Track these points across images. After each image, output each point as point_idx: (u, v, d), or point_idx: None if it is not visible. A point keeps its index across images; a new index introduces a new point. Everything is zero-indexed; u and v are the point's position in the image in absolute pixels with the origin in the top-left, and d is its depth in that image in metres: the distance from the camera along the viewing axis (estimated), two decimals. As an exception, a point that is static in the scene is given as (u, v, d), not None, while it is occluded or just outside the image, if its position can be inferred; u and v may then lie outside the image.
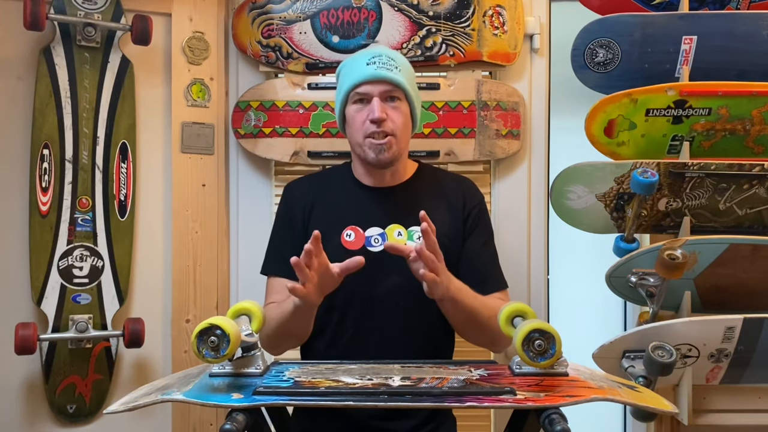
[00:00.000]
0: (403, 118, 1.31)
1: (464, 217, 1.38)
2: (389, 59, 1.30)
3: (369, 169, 1.35)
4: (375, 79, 1.27)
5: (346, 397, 0.88)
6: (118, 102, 1.70)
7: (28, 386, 1.67)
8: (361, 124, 1.29)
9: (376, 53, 1.31)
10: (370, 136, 1.28)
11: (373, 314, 1.30)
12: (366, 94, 1.29)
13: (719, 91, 1.51)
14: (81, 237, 1.66)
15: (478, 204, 1.41)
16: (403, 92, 1.30)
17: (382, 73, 1.27)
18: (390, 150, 1.29)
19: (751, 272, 1.45)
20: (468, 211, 1.38)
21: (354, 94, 1.30)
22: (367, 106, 1.29)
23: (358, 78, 1.28)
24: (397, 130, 1.29)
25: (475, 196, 1.42)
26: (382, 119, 1.26)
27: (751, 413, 1.50)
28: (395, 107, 1.29)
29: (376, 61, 1.29)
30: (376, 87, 1.28)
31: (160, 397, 0.89)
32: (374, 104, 1.27)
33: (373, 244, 1.30)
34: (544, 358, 0.92)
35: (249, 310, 1.01)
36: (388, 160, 1.31)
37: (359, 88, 1.29)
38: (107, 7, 1.68)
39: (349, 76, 1.31)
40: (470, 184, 1.44)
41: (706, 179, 1.47)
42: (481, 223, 1.40)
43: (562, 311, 2.00)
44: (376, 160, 1.30)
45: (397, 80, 1.28)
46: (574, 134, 1.66)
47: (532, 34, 1.81)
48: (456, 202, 1.38)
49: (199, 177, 1.78)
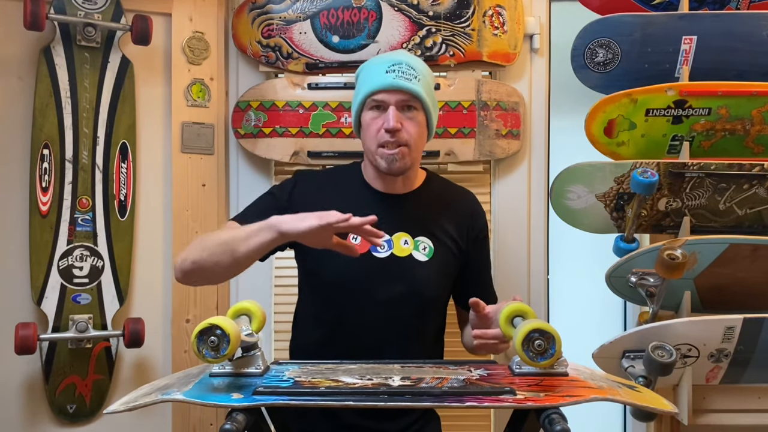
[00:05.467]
0: (419, 128, 1.30)
1: (472, 237, 1.39)
2: (409, 68, 1.28)
3: (380, 175, 1.35)
4: (393, 88, 1.26)
5: (346, 397, 0.88)
6: (118, 102, 1.70)
7: (28, 386, 1.67)
8: (375, 132, 1.28)
9: (396, 60, 1.29)
10: (383, 146, 1.27)
11: (370, 318, 1.30)
12: (382, 102, 1.27)
13: (719, 91, 1.51)
14: (81, 237, 1.66)
15: (485, 224, 1.44)
16: (420, 102, 1.29)
17: (399, 82, 1.26)
18: (402, 160, 1.28)
19: (751, 272, 1.45)
20: (477, 231, 1.40)
21: (371, 100, 1.29)
22: (382, 114, 1.28)
23: (376, 85, 1.27)
24: (411, 141, 1.28)
25: (482, 216, 1.44)
26: (396, 129, 1.25)
27: (751, 413, 1.50)
28: (411, 117, 1.28)
29: (395, 69, 1.27)
30: (393, 96, 1.27)
31: (160, 397, 0.89)
32: (390, 114, 1.26)
33: (379, 249, 1.30)
34: (544, 358, 0.92)
35: (249, 310, 1.00)
36: (400, 170, 1.30)
37: (376, 95, 1.27)
38: (107, 7, 1.68)
39: (367, 82, 1.30)
40: (478, 203, 1.45)
41: (706, 179, 1.47)
42: (487, 244, 1.44)
43: (562, 311, 2.00)
44: (387, 169, 1.29)
45: (415, 91, 1.27)
46: (574, 134, 1.66)
47: (532, 34, 1.81)
48: (464, 219, 1.39)
49: (199, 177, 1.78)
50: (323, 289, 1.33)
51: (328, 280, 1.31)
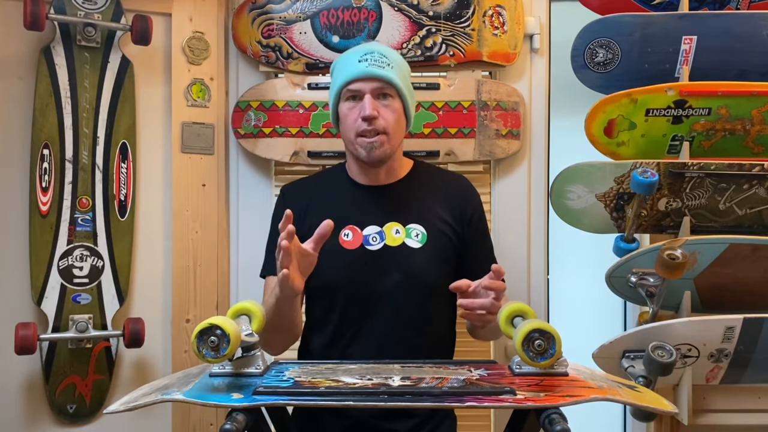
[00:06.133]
0: (396, 115, 1.30)
1: (468, 219, 1.38)
2: (381, 56, 1.30)
3: (363, 167, 1.35)
4: (366, 77, 1.27)
5: (346, 397, 0.88)
6: (118, 102, 1.70)
7: (28, 386, 1.67)
8: (353, 122, 1.29)
9: (368, 50, 1.30)
10: (362, 134, 1.28)
11: (373, 313, 1.30)
12: (357, 92, 1.28)
13: (719, 91, 1.51)
14: (81, 237, 1.66)
15: (480, 204, 1.43)
16: (395, 89, 1.30)
17: (373, 70, 1.27)
18: (381, 148, 1.29)
19: (751, 272, 1.45)
20: (471, 213, 1.39)
21: (346, 91, 1.30)
22: (358, 104, 1.29)
23: (350, 75, 1.28)
24: (389, 128, 1.29)
25: (475, 198, 1.43)
26: (373, 117, 1.26)
27: (751, 413, 1.50)
28: (387, 105, 1.29)
29: (368, 58, 1.28)
30: (367, 84, 1.27)
31: (160, 397, 0.89)
32: (365, 102, 1.27)
33: (371, 242, 1.30)
34: (544, 358, 0.92)
35: (249, 310, 1.00)
36: (380, 158, 1.30)
37: (351, 85, 1.28)
38: (107, 7, 1.68)
39: (341, 73, 1.31)
40: (469, 184, 1.45)
41: (706, 179, 1.47)
42: (483, 225, 1.43)
43: (562, 311, 2.00)
44: (367, 157, 1.30)
45: (388, 77, 1.28)
46: (574, 134, 1.66)
47: (532, 34, 1.81)
48: (456, 201, 1.39)
49: (199, 177, 1.78)
50: (323, 290, 1.33)
51: (326, 281, 1.31)
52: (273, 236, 1.41)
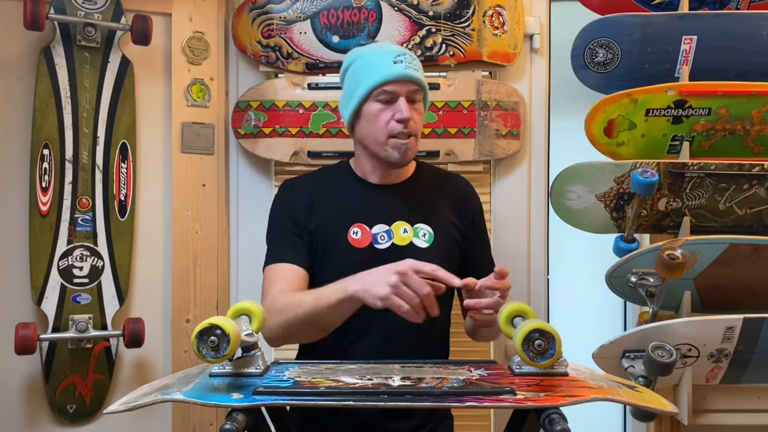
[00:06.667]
0: (422, 119, 1.32)
1: (470, 219, 1.39)
2: (413, 59, 1.29)
3: (381, 167, 1.34)
4: (403, 79, 1.26)
5: (346, 397, 0.88)
6: (118, 102, 1.70)
7: (28, 386, 1.67)
8: (385, 124, 1.27)
9: (400, 51, 1.29)
10: (396, 136, 1.27)
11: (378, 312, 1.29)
12: (393, 93, 1.27)
13: (719, 91, 1.51)
14: (81, 237, 1.66)
15: (480, 205, 1.44)
16: (423, 93, 1.31)
17: (410, 72, 1.26)
18: (412, 150, 1.30)
19: (751, 272, 1.45)
20: (473, 214, 1.40)
21: (380, 92, 1.27)
22: (391, 106, 1.27)
23: (386, 76, 1.26)
24: (418, 131, 1.30)
25: (476, 198, 1.44)
26: (410, 119, 1.26)
27: (750, 413, 1.50)
28: (416, 108, 1.29)
29: (402, 59, 1.27)
30: (403, 87, 1.26)
31: (160, 397, 0.88)
32: (401, 104, 1.26)
33: (380, 241, 1.30)
34: (544, 358, 0.92)
35: (249, 310, 1.00)
36: (409, 161, 1.32)
37: (387, 86, 1.26)
38: (107, 7, 1.68)
39: (373, 73, 1.28)
40: (469, 185, 1.46)
41: (706, 179, 1.47)
42: (484, 224, 1.44)
43: (562, 311, 2.00)
44: (399, 160, 1.29)
45: (422, 81, 1.28)
46: (574, 134, 1.66)
47: (532, 34, 1.81)
48: (459, 202, 1.39)
49: (199, 177, 1.78)
50: None
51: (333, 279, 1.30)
52: (277, 226, 1.37)
